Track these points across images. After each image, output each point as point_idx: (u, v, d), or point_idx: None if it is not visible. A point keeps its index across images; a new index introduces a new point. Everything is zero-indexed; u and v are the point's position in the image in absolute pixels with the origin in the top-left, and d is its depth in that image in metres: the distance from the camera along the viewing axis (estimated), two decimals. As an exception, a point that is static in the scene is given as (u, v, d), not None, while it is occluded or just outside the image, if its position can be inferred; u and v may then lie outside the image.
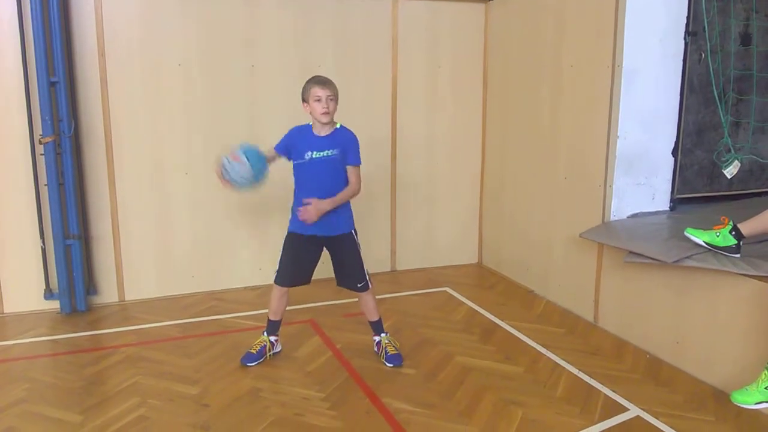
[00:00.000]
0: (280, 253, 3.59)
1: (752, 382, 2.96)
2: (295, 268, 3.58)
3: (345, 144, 3.44)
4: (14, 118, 4.21)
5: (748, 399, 2.93)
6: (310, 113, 3.41)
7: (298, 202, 3.48)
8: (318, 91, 3.33)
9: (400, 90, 5.18)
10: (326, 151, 3.41)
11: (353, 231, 3.59)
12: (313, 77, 3.42)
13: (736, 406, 3.12)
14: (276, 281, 3.62)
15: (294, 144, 3.48)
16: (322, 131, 3.44)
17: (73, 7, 4.25)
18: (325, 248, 3.61)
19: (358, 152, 3.49)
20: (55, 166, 4.16)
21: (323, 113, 3.35)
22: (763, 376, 2.90)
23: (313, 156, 3.41)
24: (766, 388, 2.89)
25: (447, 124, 5.39)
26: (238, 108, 4.73)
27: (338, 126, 3.47)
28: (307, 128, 3.47)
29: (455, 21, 5.25)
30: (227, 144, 4.66)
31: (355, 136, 3.49)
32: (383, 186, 5.26)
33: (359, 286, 3.62)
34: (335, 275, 3.66)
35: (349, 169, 3.48)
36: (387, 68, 5.12)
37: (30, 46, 4.08)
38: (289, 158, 3.51)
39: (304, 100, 3.40)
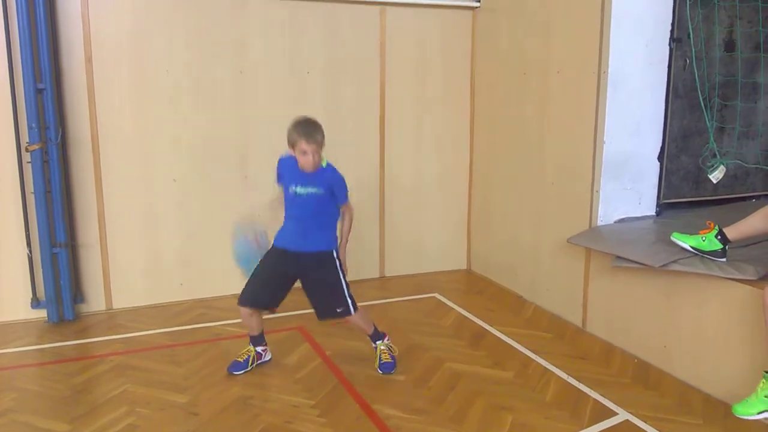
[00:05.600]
0: None
1: (751, 393, 2.93)
2: (259, 286, 3.50)
3: (331, 184, 3.40)
4: (0, 126, 4.18)
5: (749, 410, 2.90)
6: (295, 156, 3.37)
7: (284, 226, 3.52)
8: (304, 146, 3.26)
9: (388, 96, 5.19)
10: (311, 188, 3.37)
11: (334, 251, 3.50)
12: (299, 124, 3.30)
13: (725, 408, 3.15)
14: (238, 301, 3.54)
15: (284, 173, 3.48)
16: (306, 170, 3.38)
17: (60, 13, 4.23)
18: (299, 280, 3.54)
19: (346, 189, 3.46)
20: (41, 173, 4.13)
21: (308, 166, 3.32)
22: (762, 385, 2.89)
23: (297, 191, 3.39)
24: (766, 396, 2.87)
25: (435, 130, 5.40)
26: (226, 114, 4.72)
27: (324, 164, 3.41)
28: (294, 161, 3.38)
29: (443, 27, 5.27)
30: (215, 152, 4.68)
31: (341, 176, 3.44)
32: (371, 192, 5.26)
33: (339, 311, 3.48)
34: (313, 306, 3.55)
35: (343, 206, 3.50)
36: (375, 74, 5.13)
37: (16, 53, 4.06)
38: (279, 181, 3.54)
39: (290, 145, 3.32)
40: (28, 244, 4.31)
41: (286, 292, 3.53)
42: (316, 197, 3.39)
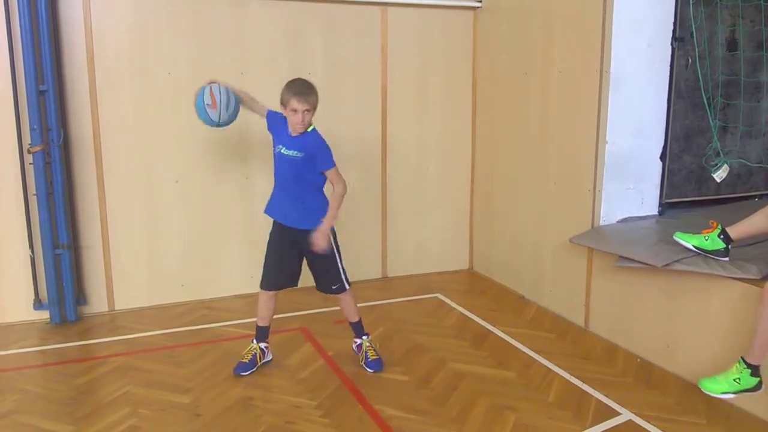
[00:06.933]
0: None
1: (722, 372, 2.99)
2: (278, 268, 3.57)
3: (311, 149, 3.39)
4: (3, 127, 4.18)
5: (714, 387, 2.97)
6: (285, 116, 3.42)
7: (273, 192, 3.57)
8: (295, 104, 3.29)
9: (389, 96, 5.19)
10: (293, 151, 3.40)
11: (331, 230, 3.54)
12: (293, 83, 3.36)
13: (728, 408, 3.15)
14: (261, 285, 3.61)
15: (275, 128, 3.51)
16: (293, 131, 3.42)
17: (62, 15, 4.24)
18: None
19: (328, 155, 3.43)
20: (44, 175, 4.14)
21: (297, 125, 3.35)
22: (734, 369, 2.94)
23: (282, 151, 3.43)
24: (734, 380, 2.92)
25: (437, 130, 5.40)
26: (227, 116, 4.71)
27: (309, 129, 3.44)
28: (285, 120, 3.46)
29: (444, 27, 5.27)
30: (217, 153, 4.69)
31: (322, 141, 3.44)
32: (374, 192, 5.26)
33: (334, 288, 3.61)
34: (314, 279, 3.66)
35: (327, 173, 3.46)
36: (377, 74, 5.13)
37: (18, 55, 4.06)
38: (269, 129, 3.56)
39: (282, 104, 3.38)
40: (31, 246, 4.31)
41: (301, 265, 3.62)
42: (297, 161, 3.40)
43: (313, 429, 3.04)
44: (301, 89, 3.32)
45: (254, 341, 3.68)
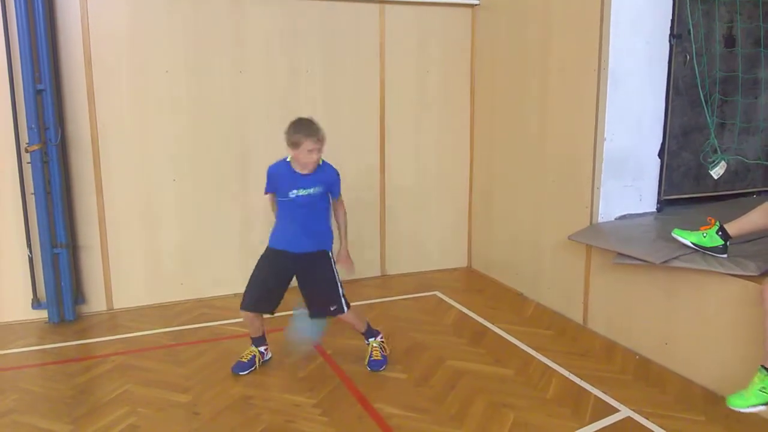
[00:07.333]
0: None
1: (747, 386, 2.91)
2: (261, 290, 3.50)
3: (329, 181, 3.44)
4: (0, 127, 4.18)
5: (742, 402, 2.89)
6: (295, 157, 3.34)
7: (279, 227, 3.53)
8: (311, 144, 3.25)
9: (388, 94, 5.19)
10: (311, 189, 3.38)
11: (330, 252, 3.54)
12: (300, 125, 3.29)
13: (726, 405, 3.13)
14: (241, 305, 3.55)
15: (277, 183, 3.45)
16: (304, 169, 3.37)
17: (60, 14, 4.23)
18: (295, 277, 3.54)
19: (339, 184, 3.51)
20: (41, 174, 4.13)
21: (311, 163, 3.33)
22: (757, 379, 2.88)
23: (299, 194, 3.38)
24: (760, 390, 2.85)
25: (435, 128, 5.40)
26: (226, 115, 4.71)
27: (320, 162, 3.41)
28: (285, 165, 3.41)
29: (442, 25, 5.26)
30: (215, 152, 4.69)
31: (337, 172, 3.48)
32: (372, 190, 5.26)
33: (332, 309, 3.51)
34: (307, 305, 3.55)
35: (336, 201, 3.52)
36: (375, 73, 5.13)
37: (16, 54, 4.06)
38: (271, 191, 3.52)
39: (293, 146, 3.30)
40: (29, 245, 4.31)
41: (284, 292, 3.54)
42: (317, 196, 3.41)
43: (313, 427, 3.04)
44: (312, 129, 3.28)
45: (253, 345, 3.68)
